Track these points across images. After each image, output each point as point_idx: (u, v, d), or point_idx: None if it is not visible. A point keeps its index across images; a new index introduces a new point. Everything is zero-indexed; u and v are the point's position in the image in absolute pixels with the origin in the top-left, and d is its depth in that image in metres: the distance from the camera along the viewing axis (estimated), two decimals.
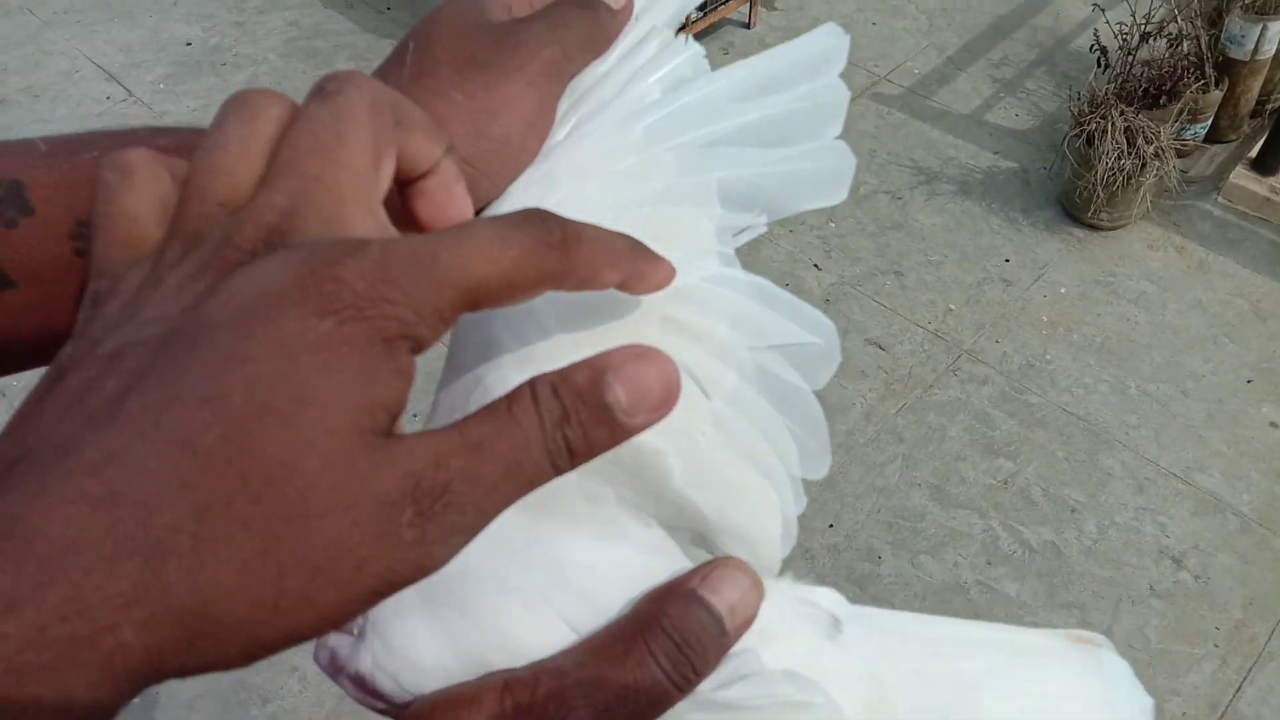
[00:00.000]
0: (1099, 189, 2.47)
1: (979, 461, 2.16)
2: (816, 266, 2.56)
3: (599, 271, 0.26)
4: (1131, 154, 2.42)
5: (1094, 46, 2.62)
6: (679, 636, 0.29)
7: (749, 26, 3.24)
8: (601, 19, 0.38)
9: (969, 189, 2.74)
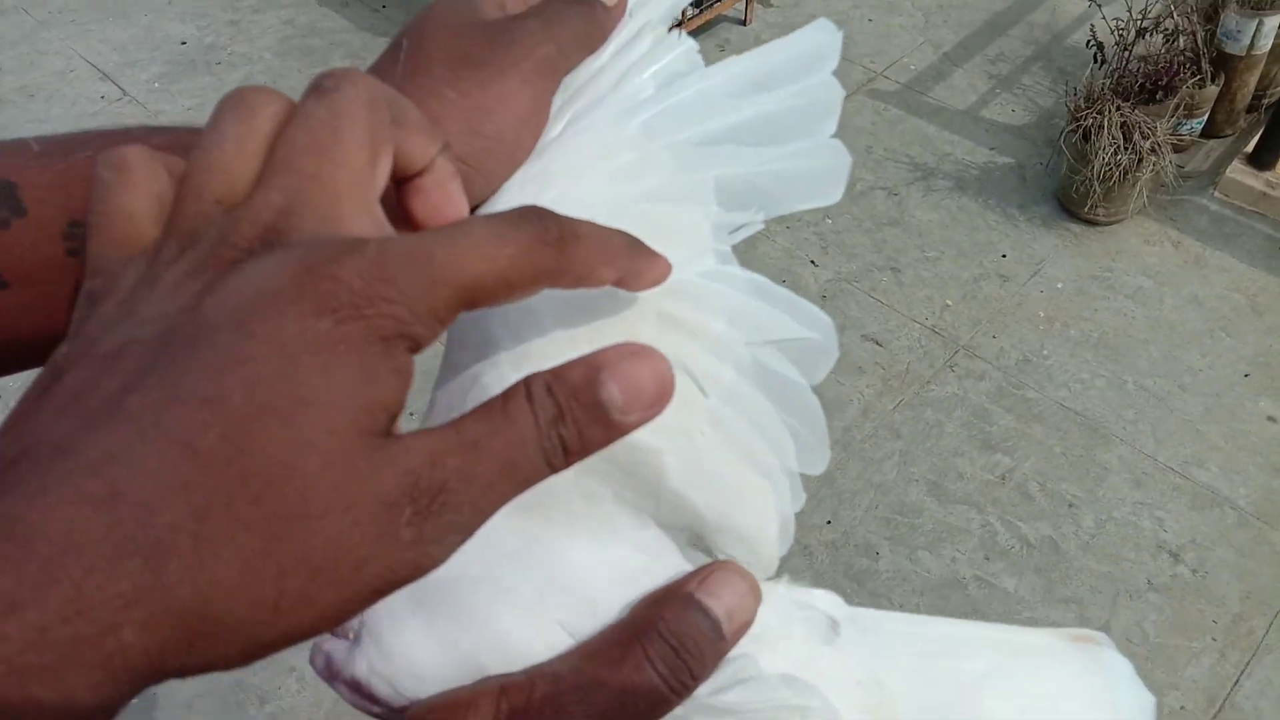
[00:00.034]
0: (1095, 184, 2.48)
1: (976, 457, 2.16)
2: (813, 263, 2.56)
3: (596, 269, 0.26)
4: (1128, 149, 2.42)
5: (1090, 42, 2.62)
6: (676, 641, 0.29)
7: (745, 23, 3.24)
8: (596, 15, 0.38)
9: (965, 185, 2.74)
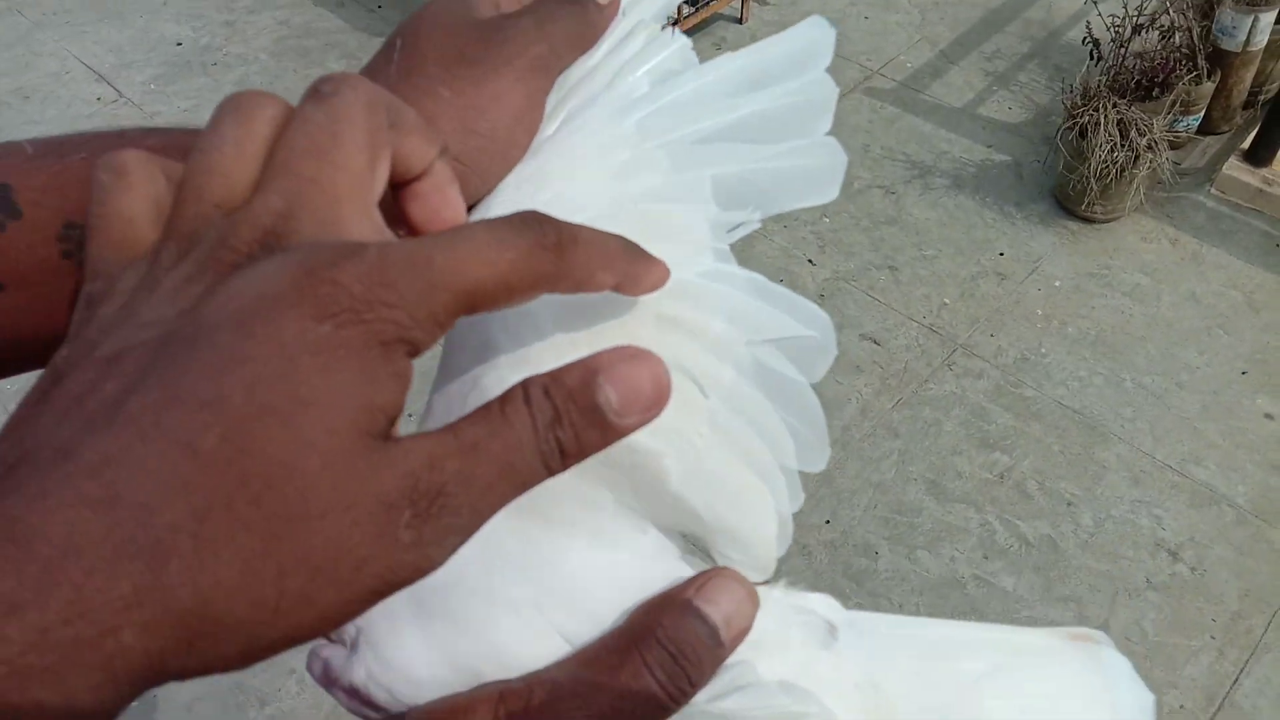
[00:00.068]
0: (1092, 181, 2.48)
1: (975, 456, 2.16)
2: (811, 262, 2.56)
3: (594, 274, 0.26)
4: (1124, 146, 2.42)
5: (1086, 39, 2.62)
6: (674, 648, 0.29)
7: (741, 21, 3.24)
8: (589, 14, 0.38)
9: (962, 183, 2.74)
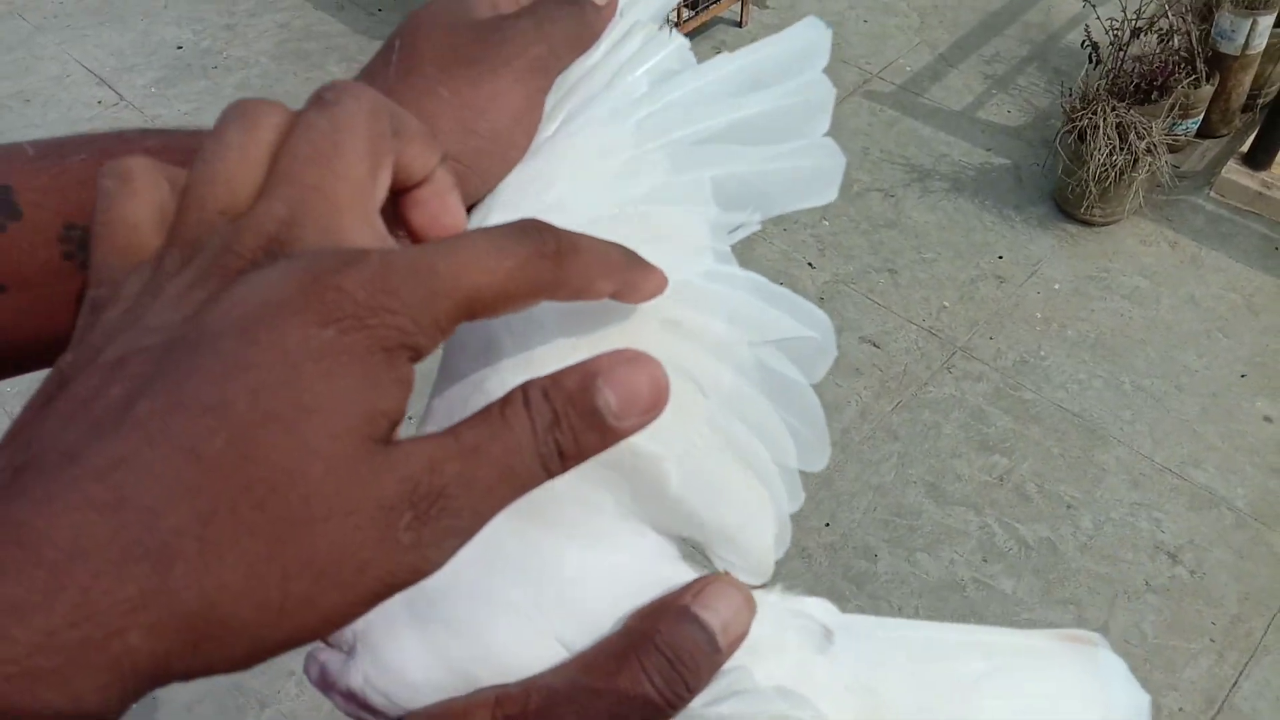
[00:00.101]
0: (1091, 185, 2.48)
1: (974, 458, 2.17)
2: (810, 265, 2.56)
3: (593, 281, 0.27)
4: (1123, 149, 2.43)
5: (1085, 42, 2.63)
6: (672, 653, 0.29)
7: (740, 25, 3.24)
8: (587, 15, 0.38)
9: (962, 186, 2.75)
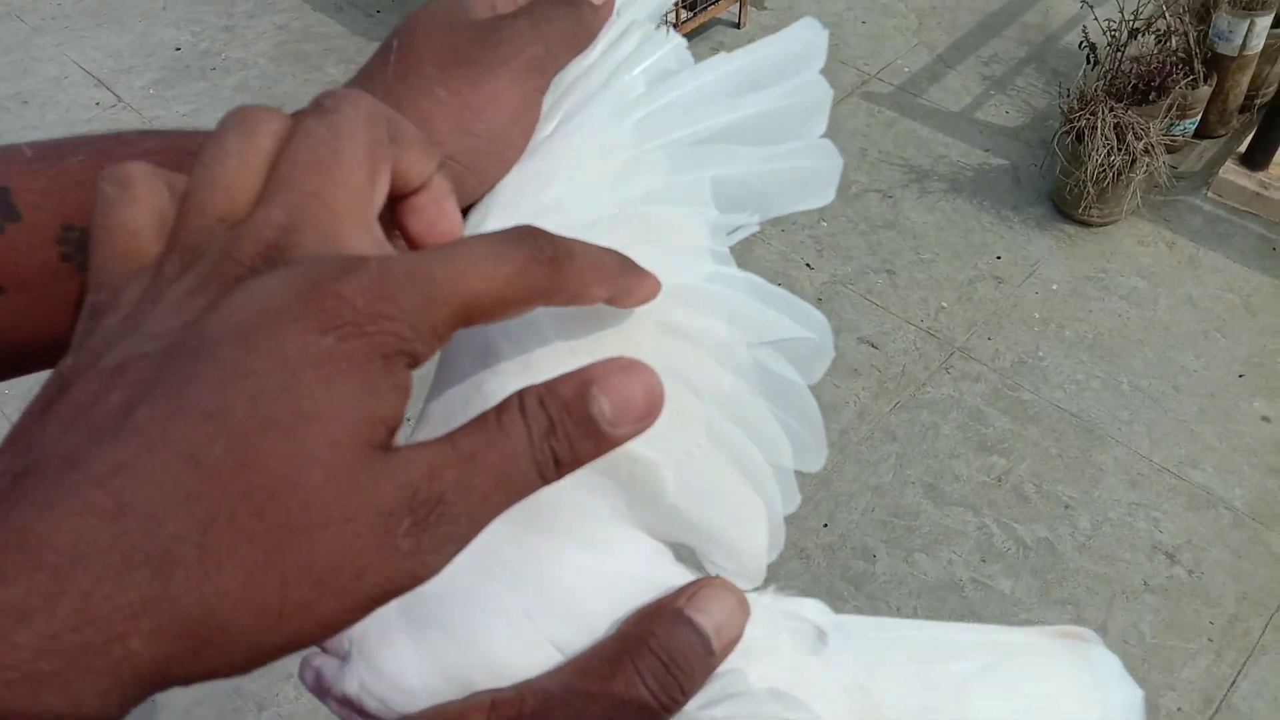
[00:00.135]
0: (1089, 185, 2.48)
1: (972, 459, 2.17)
2: (809, 265, 2.56)
3: (588, 288, 0.27)
4: (1121, 150, 2.43)
5: (1083, 43, 2.63)
6: (666, 656, 0.30)
7: (739, 26, 3.24)
8: (583, 14, 0.38)
9: (960, 187, 2.75)
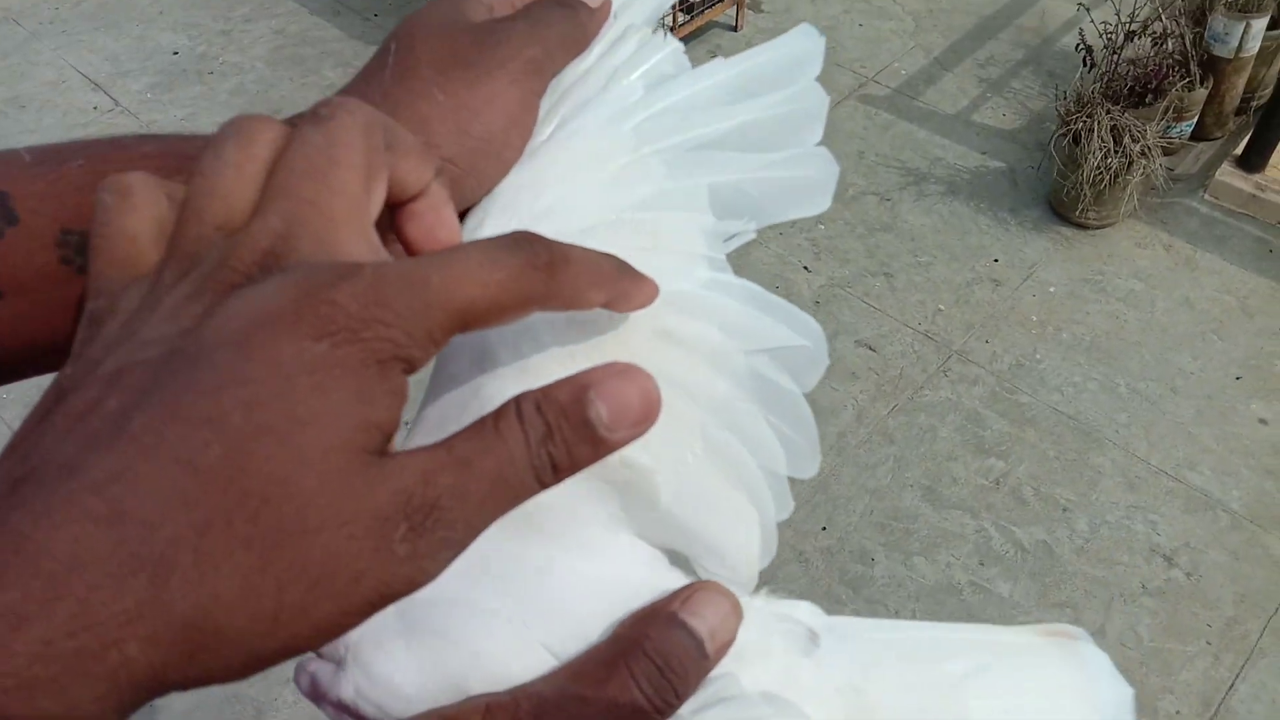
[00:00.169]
0: (1086, 188, 2.49)
1: (970, 462, 2.17)
2: (806, 269, 2.57)
3: (584, 292, 0.27)
4: (1118, 152, 2.43)
5: (1079, 46, 2.63)
6: (661, 660, 0.30)
7: (736, 29, 3.24)
8: (580, 17, 0.38)
9: (957, 189, 2.75)
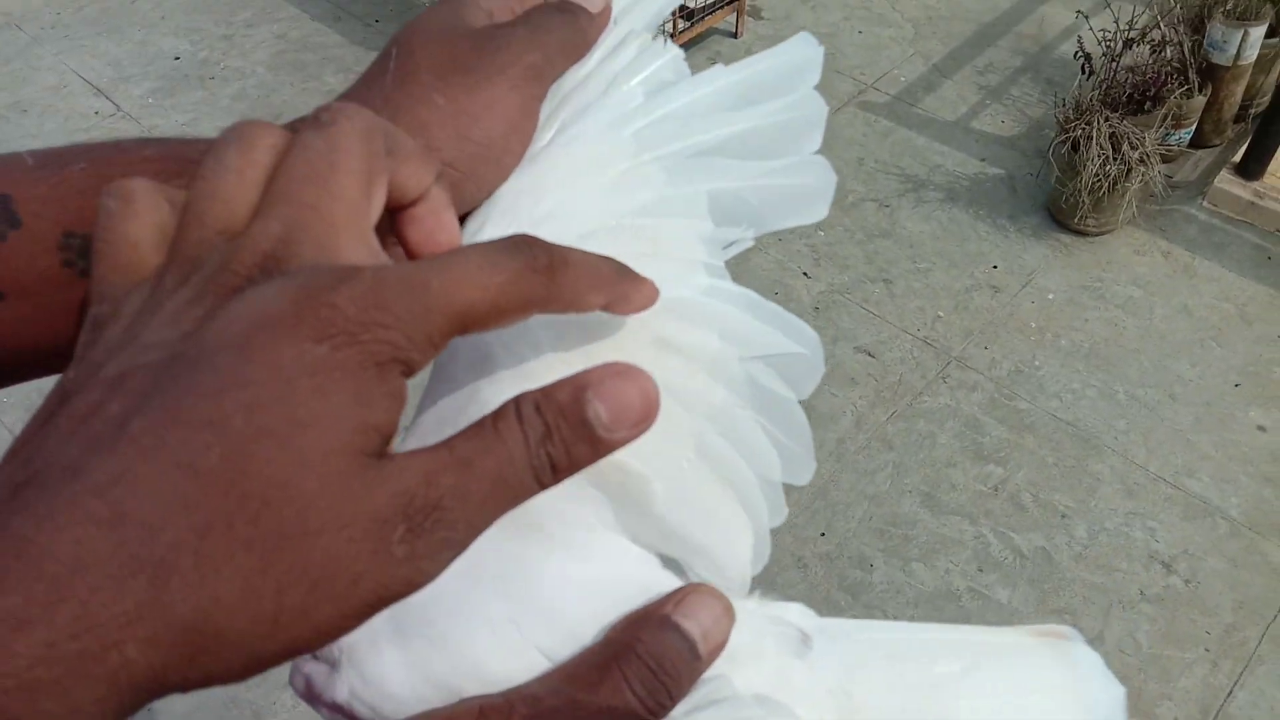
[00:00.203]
0: (1085, 195, 2.49)
1: (969, 468, 2.17)
2: (805, 275, 2.57)
3: (584, 295, 0.27)
4: (1116, 160, 2.43)
5: (1078, 53, 2.64)
6: (654, 662, 0.30)
7: (736, 36, 3.25)
8: (580, 23, 0.39)
9: (956, 196, 2.75)
